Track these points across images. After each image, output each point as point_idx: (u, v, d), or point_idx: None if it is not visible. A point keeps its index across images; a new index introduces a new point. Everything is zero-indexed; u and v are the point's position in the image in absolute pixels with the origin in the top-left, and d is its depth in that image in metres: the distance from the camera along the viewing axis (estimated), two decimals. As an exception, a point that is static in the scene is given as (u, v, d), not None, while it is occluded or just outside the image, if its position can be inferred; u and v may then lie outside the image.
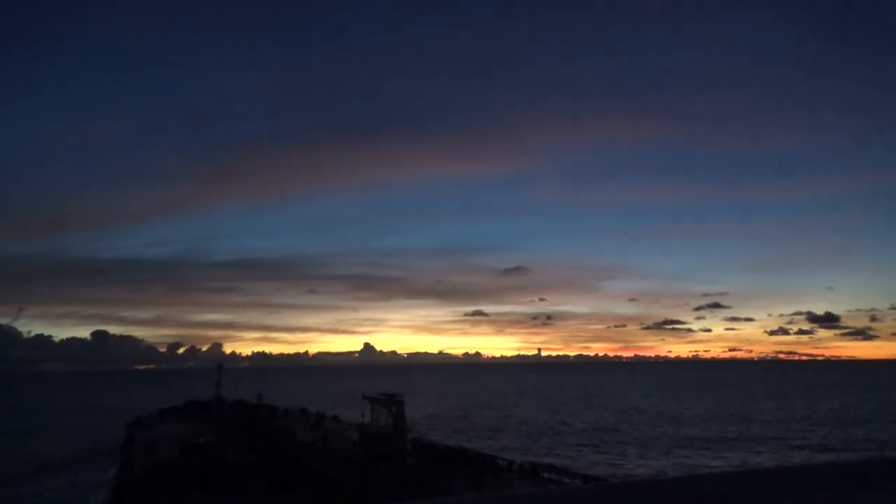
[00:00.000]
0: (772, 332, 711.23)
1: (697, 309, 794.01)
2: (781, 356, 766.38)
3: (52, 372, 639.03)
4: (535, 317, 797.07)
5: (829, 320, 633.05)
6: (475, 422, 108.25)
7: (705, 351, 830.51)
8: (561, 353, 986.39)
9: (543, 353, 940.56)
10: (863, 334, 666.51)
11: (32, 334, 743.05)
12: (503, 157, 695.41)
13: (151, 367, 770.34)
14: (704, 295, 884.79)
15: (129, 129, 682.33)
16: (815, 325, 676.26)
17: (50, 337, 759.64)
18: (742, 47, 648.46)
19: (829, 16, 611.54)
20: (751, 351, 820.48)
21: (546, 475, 45.85)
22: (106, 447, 75.20)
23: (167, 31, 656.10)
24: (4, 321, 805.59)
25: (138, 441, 57.38)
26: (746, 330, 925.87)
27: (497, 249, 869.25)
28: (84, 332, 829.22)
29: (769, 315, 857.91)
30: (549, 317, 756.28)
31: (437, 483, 41.64)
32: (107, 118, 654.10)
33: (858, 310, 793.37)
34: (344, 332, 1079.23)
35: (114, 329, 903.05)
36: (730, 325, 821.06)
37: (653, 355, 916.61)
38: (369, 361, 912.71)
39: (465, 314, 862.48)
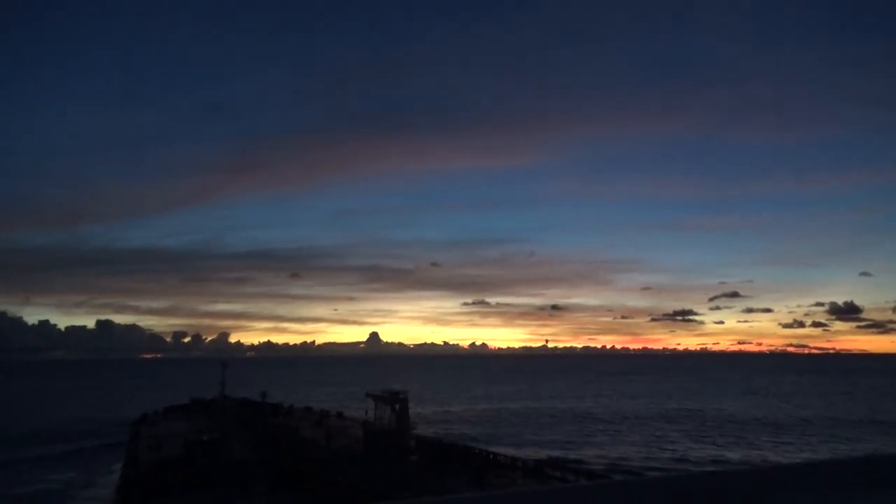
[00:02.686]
0: (786, 325, 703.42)
1: (713, 299, 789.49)
2: (791, 349, 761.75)
3: (57, 360, 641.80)
4: (544, 308, 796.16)
5: (850, 312, 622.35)
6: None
7: (714, 343, 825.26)
8: (568, 344, 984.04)
9: (550, 345, 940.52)
10: (881, 327, 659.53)
11: (37, 322, 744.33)
12: (519, 151, 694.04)
13: (158, 355, 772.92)
14: (722, 284, 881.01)
15: (153, 122, 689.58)
16: (833, 318, 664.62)
17: (55, 325, 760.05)
18: (764, 39, 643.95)
19: (854, 7, 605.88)
20: (760, 344, 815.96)
21: (549, 472, 46.06)
22: (110, 441, 75.78)
23: (191, 26, 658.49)
24: (13, 309, 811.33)
25: (143, 438, 57.71)
26: (761, 322, 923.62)
27: (511, 241, 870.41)
28: (90, 321, 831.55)
29: (787, 307, 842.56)
30: (558, 308, 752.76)
31: (440, 480, 41.82)
32: (131, 110, 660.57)
33: (887, 301, 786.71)
34: (354, 322, 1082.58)
35: (126, 318, 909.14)
36: (744, 317, 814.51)
37: (661, 347, 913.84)
38: (375, 352, 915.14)
39: (474, 304, 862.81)
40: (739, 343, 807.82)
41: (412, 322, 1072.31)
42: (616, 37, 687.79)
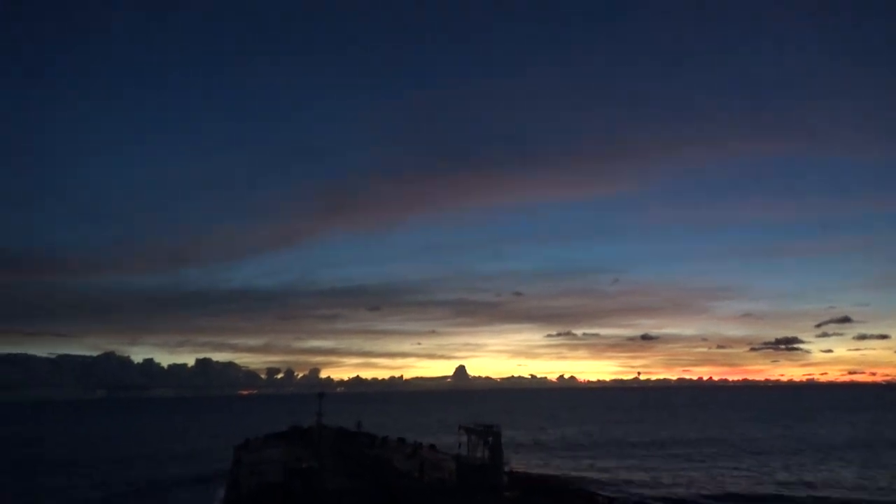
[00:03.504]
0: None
1: (821, 325, 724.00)
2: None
3: (158, 397, 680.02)
4: (634, 339, 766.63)
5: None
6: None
7: (822, 374, 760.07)
8: (662, 376, 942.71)
9: (642, 377, 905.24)
10: None
11: (142, 360, 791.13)
12: (609, 180, 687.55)
13: (254, 391, 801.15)
14: (831, 309, 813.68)
15: (250, 165, 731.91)
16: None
17: (158, 364, 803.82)
18: (860, 53, 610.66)
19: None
20: (874, 374, 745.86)
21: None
22: (217, 467, 78.73)
23: (282, 71, 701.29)
24: (121, 349, 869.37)
25: (245, 464, 59.71)
26: (875, 350, 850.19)
27: (602, 272, 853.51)
28: (191, 359, 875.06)
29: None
30: (649, 338, 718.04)
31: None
32: (228, 155, 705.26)
33: None
34: (441, 356, 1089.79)
35: (223, 356, 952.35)
36: (857, 344, 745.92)
37: (763, 378, 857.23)
38: (462, 386, 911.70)
39: (559, 336, 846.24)
40: (850, 373, 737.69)
41: (499, 356, 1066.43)
42: (705, 58, 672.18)
